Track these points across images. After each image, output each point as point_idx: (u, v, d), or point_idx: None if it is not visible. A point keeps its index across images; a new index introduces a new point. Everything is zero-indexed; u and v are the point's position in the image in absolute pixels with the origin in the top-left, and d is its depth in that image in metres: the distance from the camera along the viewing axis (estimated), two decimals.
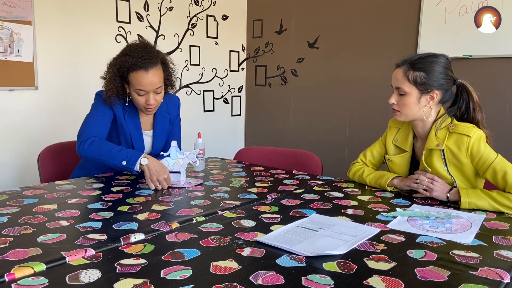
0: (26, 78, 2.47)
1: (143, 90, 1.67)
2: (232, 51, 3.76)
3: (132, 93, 1.70)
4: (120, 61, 1.67)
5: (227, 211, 1.30)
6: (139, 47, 1.69)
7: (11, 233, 1.06)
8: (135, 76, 1.65)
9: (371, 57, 3.13)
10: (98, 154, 1.65)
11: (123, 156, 1.61)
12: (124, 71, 1.67)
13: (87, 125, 1.73)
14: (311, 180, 1.77)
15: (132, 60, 1.64)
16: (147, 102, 1.70)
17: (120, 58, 1.69)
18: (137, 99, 1.70)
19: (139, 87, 1.66)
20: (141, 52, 1.66)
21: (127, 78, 1.68)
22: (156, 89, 1.69)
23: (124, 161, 1.60)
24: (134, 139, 1.81)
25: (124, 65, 1.66)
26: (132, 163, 1.60)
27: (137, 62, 1.63)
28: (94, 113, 1.76)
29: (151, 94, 1.69)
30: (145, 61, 1.64)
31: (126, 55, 1.67)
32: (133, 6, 2.96)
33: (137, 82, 1.66)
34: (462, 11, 2.67)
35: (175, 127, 2.02)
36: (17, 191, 1.48)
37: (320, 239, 1.05)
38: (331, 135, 3.40)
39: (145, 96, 1.69)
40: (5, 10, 2.33)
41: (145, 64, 1.64)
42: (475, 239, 1.08)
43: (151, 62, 1.65)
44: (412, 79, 1.46)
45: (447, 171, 1.46)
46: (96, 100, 1.81)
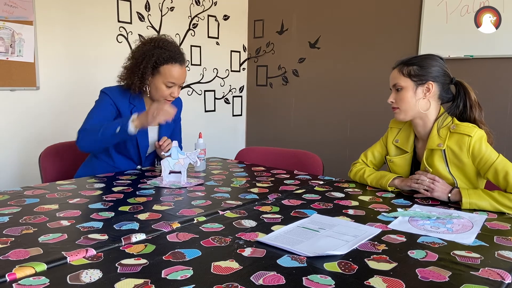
0: (27, 78, 2.47)
1: (173, 83, 1.76)
2: (233, 51, 3.76)
3: (158, 84, 1.77)
4: (156, 53, 1.74)
5: (228, 211, 1.30)
6: (172, 43, 1.79)
7: (12, 233, 1.07)
8: (170, 68, 1.74)
9: (372, 57, 3.13)
10: (93, 138, 1.67)
11: (115, 125, 1.63)
12: (159, 63, 1.74)
13: (86, 122, 1.77)
14: (312, 180, 1.77)
15: (169, 53, 1.74)
16: (171, 94, 1.79)
17: (155, 50, 1.74)
18: (162, 90, 1.78)
19: (171, 79, 1.76)
20: (176, 48, 1.78)
21: (159, 70, 1.75)
22: (181, 84, 1.81)
23: (117, 128, 1.62)
24: (139, 134, 1.82)
25: (162, 56, 1.73)
26: (125, 124, 1.62)
27: (175, 56, 1.74)
28: (95, 111, 1.79)
29: (177, 87, 1.80)
30: (181, 56, 1.77)
31: (161, 48, 1.75)
32: (134, 6, 2.97)
33: (171, 75, 1.75)
34: (463, 11, 2.67)
35: (177, 126, 2.07)
36: (18, 191, 1.49)
37: (321, 240, 1.05)
38: (332, 135, 3.40)
39: (172, 88, 1.78)
40: (7, 10, 2.34)
41: (180, 59, 1.77)
42: (476, 239, 1.08)
43: (184, 59, 1.79)
44: (407, 72, 1.50)
45: (448, 171, 1.46)
46: (100, 98, 1.83)
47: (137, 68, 1.75)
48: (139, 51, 1.78)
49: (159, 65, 1.74)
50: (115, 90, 1.84)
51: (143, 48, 1.77)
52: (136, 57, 1.78)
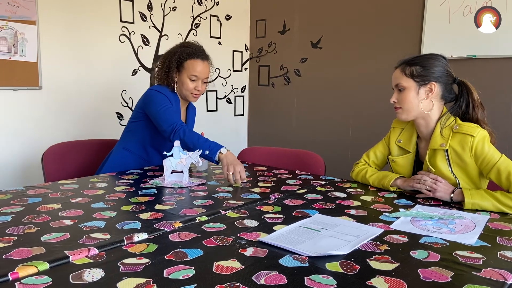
0: (30, 77, 2.47)
1: (196, 76, 1.90)
2: (235, 51, 3.76)
3: (184, 79, 1.91)
4: (180, 51, 1.92)
5: (230, 211, 1.30)
6: (195, 43, 1.98)
7: (15, 232, 1.07)
8: (193, 63, 1.90)
9: (374, 57, 3.12)
10: (189, 142, 1.78)
11: (207, 146, 1.75)
12: (183, 58, 1.90)
13: (172, 115, 1.85)
14: (314, 180, 1.77)
15: (191, 50, 1.91)
16: (196, 88, 1.92)
17: (179, 48, 1.94)
18: (187, 84, 1.91)
19: (194, 72, 1.90)
20: (198, 47, 1.95)
21: (183, 65, 1.91)
22: (204, 79, 1.94)
23: (207, 151, 1.75)
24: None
25: (185, 52, 1.90)
26: (213, 152, 1.74)
27: (196, 52, 1.91)
28: (167, 105, 1.87)
29: (200, 81, 1.92)
30: (202, 53, 1.93)
31: (184, 46, 1.94)
32: (136, 6, 2.97)
33: (193, 68, 1.90)
34: (466, 11, 2.66)
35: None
36: (21, 190, 1.49)
37: (323, 239, 1.05)
38: (334, 135, 3.40)
39: (196, 82, 1.91)
40: (9, 10, 2.34)
41: (202, 55, 1.92)
42: (478, 239, 1.08)
43: (206, 56, 1.95)
44: (409, 73, 1.49)
45: (451, 171, 1.46)
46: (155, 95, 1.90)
47: (164, 65, 1.94)
48: (167, 52, 1.98)
49: (183, 60, 1.90)
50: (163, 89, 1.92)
51: (170, 49, 1.97)
52: (164, 57, 1.97)
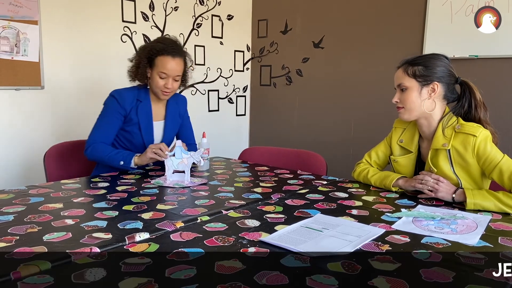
0: (32, 77, 2.48)
1: (165, 74, 1.85)
2: (237, 51, 3.76)
3: (154, 76, 1.87)
4: (151, 45, 1.88)
5: (231, 210, 1.30)
6: (170, 39, 1.93)
7: (17, 231, 1.07)
8: (162, 59, 1.84)
9: (376, 57, 3.12)
10: (100, 158, 1.85)
11: (120, 157, 1.80)
12: (153, 54, 1.85)
13: (94, 132, 1.90)
14: (315, 180, 1.77)
15: (162, 46, 1.85)
16: (165, 86, 1.87)
17: (152, 43, 1.91)
18: (157, 82, 1.87)
19: (163, 70, 1.84)
20: (171, 42, 1.89)
21: (154, 61, 1.86)
22: (175, 76, 1.87)
23: (121, 162, 1.79)
24: (143, 129, 1.92)
25: (155, 48, 1.85)
26: (128, 161, 1.79)
27: (167, 48, 1.85)
28: (103, 120, 1.91)
29: (171, 79, 1.87)
30: (174, 49, 1.86)
31: (158, 42, 1.90)
32: (138, 6, 2.97)
33: (162, 65, 1.84)
34: (468, 11, 2.65)
35: (186, 121, 2.15)
36: (23, 190, 1.49)
37: (324, 239, 1.05)
38: (336, 135, 3.40)
39: (166, 79, 1.86)
40: (12, 10, 2.35)
41: (173, 52, 1.85)
42: (480, 240, 1.08)
43: (178, 52, 1.87)
44: (412, 73, 1.49)
45: (453, 171, 1.45)
46: (109, 102, 1.91)
47: (135, 59, 1.91)
48: (141, 46, 1.96)
49: (153, 56, 1.85)
50: (123, 91, 1.92)
51: (144, 44, 1.94)
52: (138, 50, 1.95)
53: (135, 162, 1.80)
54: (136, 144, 1.94)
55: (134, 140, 1.94)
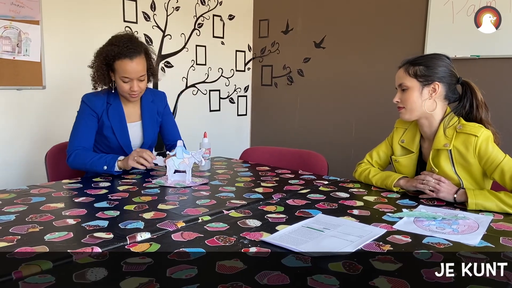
0: (33, 77, 2.48)
1: (127, 78, 1.77)
2: (238, 51, 3.76)
3: (117, 80, 1.80)
4: (106, 50, 1.77)
5: (232, 210, 1.30)
6: (124, 38, 1.80)
7: (19, 231, 1.07)
8: (121, 64, 1.75)
9: (377, 57, 3.11)
10: (82, 165, 1.79)
11: (102, 162, 1.75)
12: (110, 60, 1.76)
13: (72, 140, 1.86)
14: (316, 180, 1.77)
15: (118, 49, 1.74)
16: (131, 89, 1.79)
17: (106, 47, 1.79)
18: (122, 86, 1.79)
19: (124, 74, 1.76)
20: (126, 42, 1.76)
21: (113, 66, 1.77)
22: (140, 77, 1.79)
23: (104, 166, 1.74)
24: (117, 131, 1.88)
25: (111, 53, 1.75)
26: (111, 165, 1.74)
27: (123, 51, 1.74)
28: (79, 125, 1.87)
29: (135, 81, 1.78)
30: (130, 50, 1.74)
31: (112, 44, 1.77)
32: (140, 6, 2.97)
33: (122, 70, 1.75)
34: (470, 11, 2.65)
35: (167, 118, 2.07)
36: (24, 189, 1.50)
37: (325, 240, 1.05)
38: (337, 135, 3.39)
39: (130, 83, 1.78)
40: (13, 10, 2.35)
41: (129, 53, 1.74)
42: (482, 240, 1.08)
43: (135, 51, 1.76)
44: (413, 73, 1.49)
45: (454, 171, 1.45)
46: (80, 108, 1.89)
47: (93, 67, 1.83)
48: (96, 50, 1.85)
49: (111, 62, 1.77)
50: (92, 95, 1.89)
51: (100, 48, 1.83)
52: (94, 55, 1.84)
53: (118, 166, 1.74)
54: (114, 148, 1.90)
55: (111, 144, 1.89)
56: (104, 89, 1.89)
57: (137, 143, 1.95)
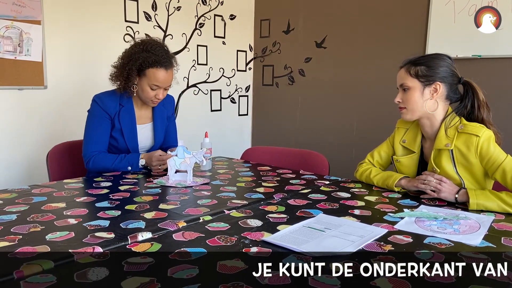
0: (35, 77, 2.49)
1: (158, 86, 1.81)
2: (240, 51, 3.76)
3: (144, 86, 1.82)
4: (142, 57, 1.78)
5: (233, 210, 1.30)
6: (158, 46, 1.83)
7: (20, 230, 1.07)
8: (155, 72, 1.79)
9: (379, 57, 3.11)
10: (103, 169, 1.82)
11: (125, 164, 1.82)
12: (145, 66, 1.79)
13: (87, 144, 1.87)
14: (318, 180, 1.77)
15: (155, 57, 1.78)
16: (156, 96, 1.84)
17: (142, 53, 1.79)
18: (148, 92, 1.83)
19: (156, 82, 1.80)
20: (161, 51, 1.81)
21: (144, 72, 1.80)
22: (167, 87, 1.85)
23: (129, 167, 1.81)
24: (126, 134, 1.89)
25: (147, 60, 1.78)
26: (135, 166, 1.82)
27: (160, 61, 1.79)
28: (92, 127, 1.88)
29: (162, 89, 1.84)
30: (167, 61, 1.81)
31: (148, 51, 1.80)
32: (141, 6, 2.97)
33: (155, 78, 1.79)
34: (471, 11, 2.65)
35: (171, 124, 2.10)
36: (26, 189, 1.50)
37: (326, 239, 1.05)
38: (338, 135, 3.39)
39: (157, 90, 1.83)
40: (15, 10, 2.35)
41: (166, 64, 1.80)
42: (483, 240, 1.08)
43: (170, 63, 1.83)
44: (414, 73, 1.49)
45: (456, 171, 1.45)
46: (93, 108, 1.89)
47: (123, 69, 1.82)
48: (127, 52, 1.84)
49: (145, 68, 1.79)
50: (104, 96, 1.89)
51: (131, 50, 1.83)
52: (124, 58, 1.85)
53: (141, 165, 1.82)
54: (121, 149, 1.91)
55: (119, 146, 1.91)
56: (115, 89, 1.89)
57: (145, 145, 1.97)
